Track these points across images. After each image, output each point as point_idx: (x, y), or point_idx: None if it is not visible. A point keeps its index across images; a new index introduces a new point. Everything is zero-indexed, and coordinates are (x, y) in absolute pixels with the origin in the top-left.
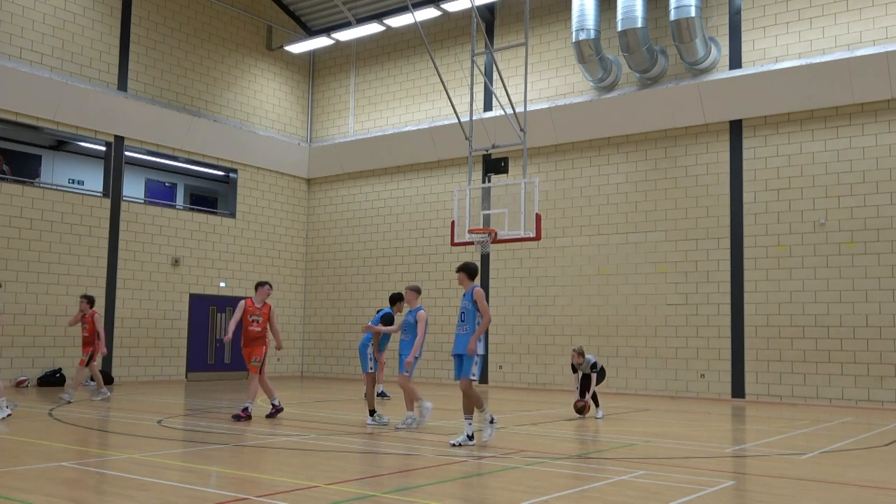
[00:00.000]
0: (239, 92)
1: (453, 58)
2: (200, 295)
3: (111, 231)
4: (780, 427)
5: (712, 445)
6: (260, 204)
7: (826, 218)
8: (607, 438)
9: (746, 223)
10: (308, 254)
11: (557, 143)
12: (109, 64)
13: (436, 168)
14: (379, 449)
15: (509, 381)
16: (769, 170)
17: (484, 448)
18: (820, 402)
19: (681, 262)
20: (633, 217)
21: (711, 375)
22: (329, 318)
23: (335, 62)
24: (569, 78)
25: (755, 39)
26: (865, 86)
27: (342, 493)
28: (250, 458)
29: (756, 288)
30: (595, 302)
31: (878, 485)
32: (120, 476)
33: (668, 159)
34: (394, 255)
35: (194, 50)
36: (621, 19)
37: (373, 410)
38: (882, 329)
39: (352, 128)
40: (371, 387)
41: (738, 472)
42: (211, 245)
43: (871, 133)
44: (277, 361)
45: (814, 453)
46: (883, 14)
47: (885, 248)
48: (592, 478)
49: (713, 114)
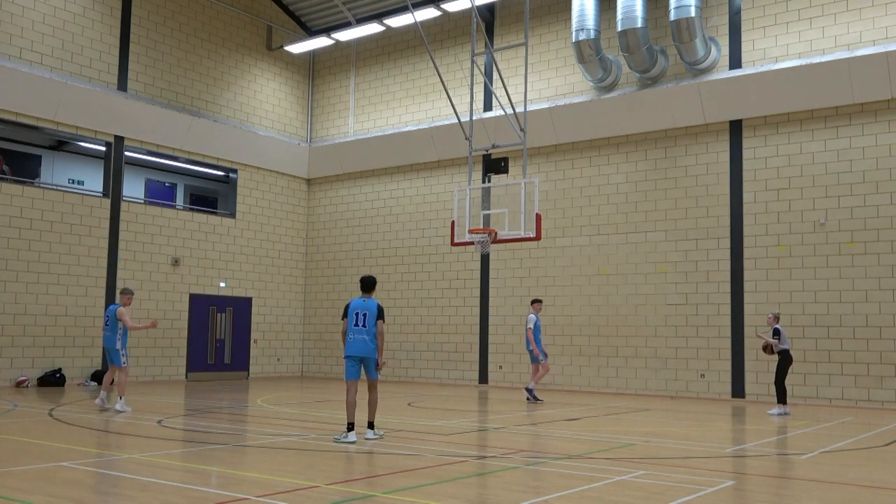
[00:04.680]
0: (239, 92)
1: (453, 58)
2: (200, 295)
3: (111, 231)
4: (780, 427)
5: (712, 445)
6: (260, 204)
7: (826, 218)
8: (607, 438)
9: (746, 223)
10: (308, 254)
11: (557, 143)
12: (109, 64)
13: (436, 168)
14: (379, 449)
15: (509, 381)
16: (769, 170)
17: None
18: (820, 402)
19: (681, 262)
20: (633, 217)
21: (711, 375)
22: (329, 318)
23: (335, 62)
24: (569, 78)
25: (755, 39)
26: (865, 86)
27: (342, 493)
28: (250, 459)
29: (756, 288)
30: (595, 302)
31: (877, 485)
32: (120, 476)
33: (668, 159)
34: (394, 255)
35: (194, 50)
36: (621, 19)
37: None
38: (882, 329)
39: (352, 128)
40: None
41: (737, 472)
42: (211, 245)
43: (871, 133)
44: (277, 362)
45: (814, 453)
46: (883, 14)
47: (885, 248)
48: (592, 478)
49: (713, 114)
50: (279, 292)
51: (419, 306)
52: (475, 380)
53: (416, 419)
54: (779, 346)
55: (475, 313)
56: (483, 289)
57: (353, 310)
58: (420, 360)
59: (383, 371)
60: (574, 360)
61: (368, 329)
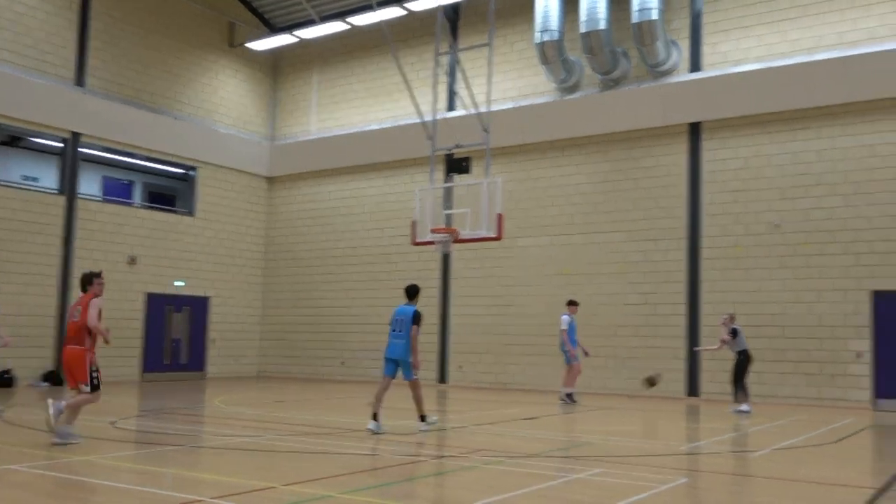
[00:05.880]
0: (200, 89)
1: (417, 57)
2: (158, 294)
3: (66, 229)
4: (734, 425)
5: (667, 443)
6: (220, 202)
7: (781, 219)
8: (566, 437)
9: (704, 224)
10: (268, 252)
11: (520, 144)
12: (67, 59)
13: (398, 167)
14: (337, 450)
15: (469, 381)
16: (727, 172)
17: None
18: (773, 401)
19: (640, 263)
20: (594, 217)
21: (668, 374)
22: (289, 317)
23: (298, 60)
24: (532, 79)
25: (716, 43)
26: (822, 90)
27: (300, 493)
28: (206, 460)
29: (713, 288)
30: (556, 301)
31: (828, 481)
32: (72, 479)
33: (629, 160)
34: (354, 254)
35: (155, 46)
36: (584, 21)
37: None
38: (834, 329)
39: (314, 126)
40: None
41: (692, 470)
42: (169, 244)
43: (827, 136)
44: (235, 362)
45: (766, 450)
46: (840, 20)
47: (839, 250)
48: (551, 476)
49: (673, 116)
50: (238, 291)
51: (379, 306)
52: (435, 379)
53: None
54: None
55: (436, 313)
56: (444, 289)
57: (395, 316)
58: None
59: (418, 372)
60: (535, 359)
61: (404, 334)
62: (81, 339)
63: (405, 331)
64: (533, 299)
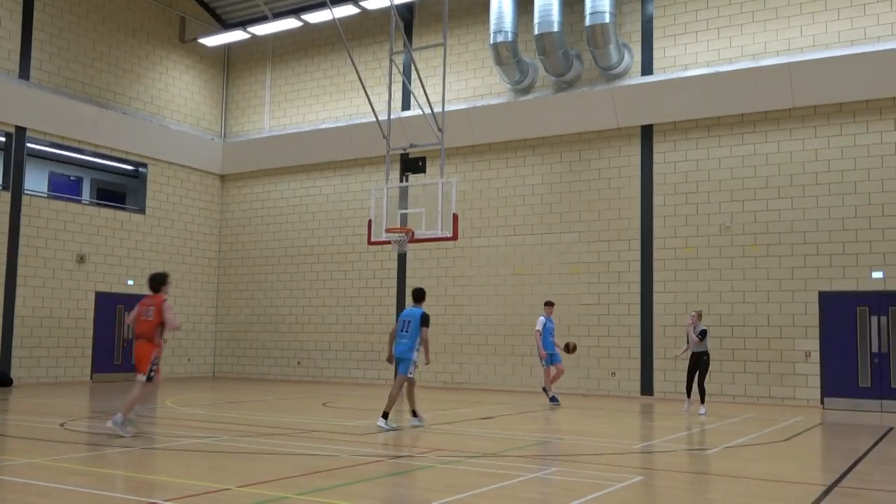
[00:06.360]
0: (150, 84)
1: (371, 56)
2: (107, 293)
3: (11, 227)
4: (687, 424)
5: (622, 442)
6: (171, 200)
7: (731, 221)
8: (521, 436)
9: (656, 225)
10: (221, 251)
11: (474, 144)
12: (10, 51)
13: (353, 166)
14: (293, 450)
15: (425, 381)
16: (678, 174)
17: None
18: (724, 399)
19: (594, 263)
20: (548, 218)
21: (622, 374)
22: (242, 317)
23: (251, 57)
24: (486, 79)
25: (666, 47)
26: (769, 95)
27: (255, 495)
28: (159, 462)
29: (665, 288)
30: (510, 301)
31: (777, 478)
32: (19, 482)
33: (582, 162)
34: (310, 253)
35: (103, 39)
36: (538, 23)
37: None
38: (783, 328)
39: (267, 124)
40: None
41: (646, 468)
42: (119, 241)
43: (773, 140)
44: (188, 362)
45: (718, 448)
46: (786, 26)
47: (786, 251)
48: (506, 475)
49: (625, 118)
50: (190, 291)
51: (335, 305)
52: (391, 379)
53: (331, 419)
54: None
55: (392, 312)
56: (400, 288)
57: (402, 317)
58: (335, 359)
59: (423, 369)
60: (489, 358)
61: (411, 334)
62: (152, 336)
63: (411, 331)
64: (488, 299)
